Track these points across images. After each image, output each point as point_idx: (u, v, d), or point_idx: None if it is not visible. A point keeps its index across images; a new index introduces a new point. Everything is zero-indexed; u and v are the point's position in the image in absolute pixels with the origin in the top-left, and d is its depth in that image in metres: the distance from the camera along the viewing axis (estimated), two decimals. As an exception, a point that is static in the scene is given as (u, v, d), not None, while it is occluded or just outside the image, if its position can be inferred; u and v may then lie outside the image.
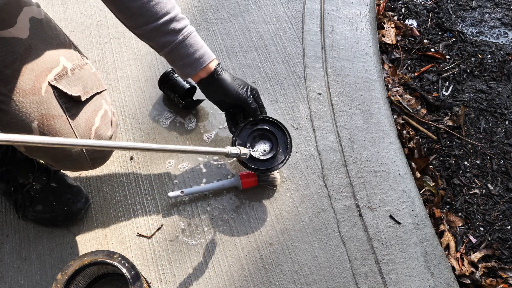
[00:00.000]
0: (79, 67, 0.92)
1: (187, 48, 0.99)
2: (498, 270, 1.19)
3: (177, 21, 0.97)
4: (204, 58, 1.02)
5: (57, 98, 0.87)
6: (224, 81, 1.05)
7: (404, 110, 1.47)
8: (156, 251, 1.10)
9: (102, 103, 0.96)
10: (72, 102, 0.89)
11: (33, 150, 0.91)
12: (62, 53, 0.90)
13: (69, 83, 0.89)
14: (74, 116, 0.89)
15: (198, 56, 1.01)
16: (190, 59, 1.00)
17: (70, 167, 0.95)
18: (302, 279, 1.07)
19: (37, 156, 0.94)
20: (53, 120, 0.86)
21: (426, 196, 1.29)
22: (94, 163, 0.95)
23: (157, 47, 1.00)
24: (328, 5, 1.61)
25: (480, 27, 1.75)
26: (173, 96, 1.28)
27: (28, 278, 1.06)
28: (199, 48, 1.01)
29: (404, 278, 1.08)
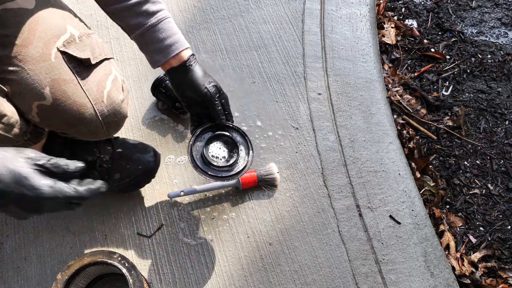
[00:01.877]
0: (86, 35, 0.92)
1: (159, 32, 0.94)
2: (498, 270, 1.19)
3: (152, 3, 0.93)
4: (176, 45, 0.96)
5: (67, 63, 0.87)
6: (194, 73, 0.98)
7: (404, 110, 1.47)
8: (156, 251, 1.10)
9: (112, 68, 0.96)
10: (82, 66, 0.89)
11: (47, 118, 0.90)
12: (69, 22, 0.90)
13: (78, 49, 0.89)
14: (85, 80, 0.89)
15: (171, 42, 0.95)
16: (161, 44, 0.95)
17: (86, 133, 0.94)
18: (302, 279, 1.07)
19: (52, 125, 0.93)
20: (65, 85, 0.86)
21: (426, 196, 1.29)
22: (108, 128, 0.95)
23: (128, 29, 0.96)
24: (328, 5, 1.61)
25: (480, 27, 1.75)
26: (166, 103, 1.28)
27: (28, 278, 1.06)
28: (173, 34, 0.96)
29: (404, 278, 1.08)
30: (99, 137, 0.97)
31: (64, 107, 0.87)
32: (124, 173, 1.10)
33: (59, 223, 1.13)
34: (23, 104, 0.86)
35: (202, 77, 0.98)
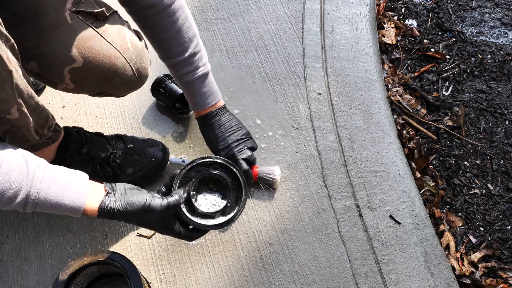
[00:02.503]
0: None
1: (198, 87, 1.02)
2: (498, 270, 1.19)
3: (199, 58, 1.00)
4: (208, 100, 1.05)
5: (83, 21, 0.88)
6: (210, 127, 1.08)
7: (404, 110, 1.47)
8: (156, 251, 1.10)
9: (121, 18, 0.98)
10: (98, 21, 0.91)
11: (82, 81, 0.92)
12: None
13: (87, 5, 0.90)
14: (107, 32, 0.91)
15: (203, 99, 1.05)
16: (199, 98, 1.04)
17: (121, 84, 0.96)
18: (302, 279, 1.07)
19: (87, 86, 0.95)
20: (90, 41, 0.88)
21: (426, 196, 1.29)
22: (139, 75, 0.98)
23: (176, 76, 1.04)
24: (328, 5, 1.61)
25: (480, 27, 1.75)
26: (166, 103, 1.28)
27: (28, 278, 1.06)
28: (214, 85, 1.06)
29: (404, 278, 1.08)
30: (133, 87, 1.00)
31: (96, 63, 0.89)
32: (137, 166, 1.13)
33: (59, 223, 1.13)
34: (54, 75, 0.89)
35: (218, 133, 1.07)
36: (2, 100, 0.73)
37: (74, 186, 0.77)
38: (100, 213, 0.78)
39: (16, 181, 0.70)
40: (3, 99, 0.74)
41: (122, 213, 0.78)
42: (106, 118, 1.30)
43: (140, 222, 0.83)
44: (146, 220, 0.82)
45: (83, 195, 0.77)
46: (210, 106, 1.06)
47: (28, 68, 0.88)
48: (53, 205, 0.75)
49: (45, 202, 0.74)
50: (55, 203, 0.74)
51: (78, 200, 0.76)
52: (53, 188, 0.74)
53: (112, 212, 0.78)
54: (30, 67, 0.87)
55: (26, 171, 0.71)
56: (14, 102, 0.76)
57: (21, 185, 0.70)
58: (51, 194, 0.74)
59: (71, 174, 0.78)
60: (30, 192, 0.72)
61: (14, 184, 0.70)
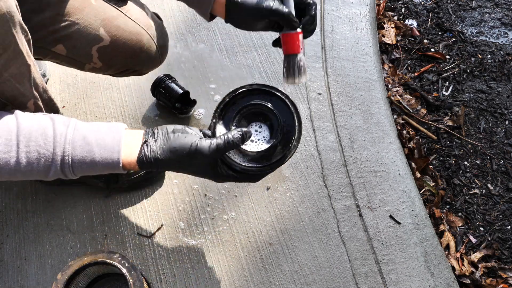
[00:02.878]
0: None
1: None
2: (498, 270, 1.19)
3: None
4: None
5: (106, 1, 0.93)
6: None
7: (404, 110, 1.47)
8: (156, 251, 1.10)
9: (139, 0, 1.01)
10: (120, 2, 0.95)
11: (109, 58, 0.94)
12: None
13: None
14: (130, 11, 0.95)
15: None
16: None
17: (146, 60, 0.99)
18: (302, 279, 1.07)
19: (114, 63, 0.97)
20: (115, 20, 0.92)
21: (426, 196, 1.29)
22: (161, 52, 1.02)
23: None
24: (328, 5, 1.61)
25: (480, 27, 1.75)
26: (166, 103, 1.28)
27: (28, 278, 1.05)
28: None
29: (404, 278, 1.08)
30: (156, 64, 1.03)
31: (123, 41, 0.93)
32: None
33: (59, 223, 1.13)
34: (82, 55, 0.92)
35: None
36: (21, 94, 0.75)
37: (106, 141, 0.71)
38: (140, 165, 0.72)
39: (45, 148, 0.67)
40: (22, 93, 0.75)
41: (164, 162, 0.71)
42: (106, 118, 1.30)
43: (187, 170, 0.74)
44: (194, 167, 0.73)
45: (116, 148, 0.71)
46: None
47: (55, 51, 0.90)
48: (89, 165, 0.70)
49: (80, 163, 0.70)
50: (89, 162, 0.70)
51: (112, 154, 0.70)
52: (83, 147, 0.69)
53: (153, 162, 0.71)
54: (57, 50, 0.90)
55: (53, 136, 0.68)
56: (31, 96, 0.77)
57: (50, 151, 0.68)
58: (83, 154, 0.69)
59: (103, 128, 0.72)
60: (61, 157, 0.68)
61: (43, 151, 0.67)
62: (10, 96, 0.73)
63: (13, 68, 0.70)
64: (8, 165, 0.66)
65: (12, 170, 0.67)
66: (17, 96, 0.74)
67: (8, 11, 0.64)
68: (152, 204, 1.16)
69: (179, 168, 0.74)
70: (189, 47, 1.47)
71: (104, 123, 0.74)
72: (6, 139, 0.66)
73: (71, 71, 1.39)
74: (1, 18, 0.63)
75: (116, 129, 0.73)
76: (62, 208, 1.14)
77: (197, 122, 1.30)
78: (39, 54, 0.93)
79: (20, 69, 0.71)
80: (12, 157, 0.66)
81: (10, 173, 0.68)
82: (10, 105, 0.75)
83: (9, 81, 0.71)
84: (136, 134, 0.74)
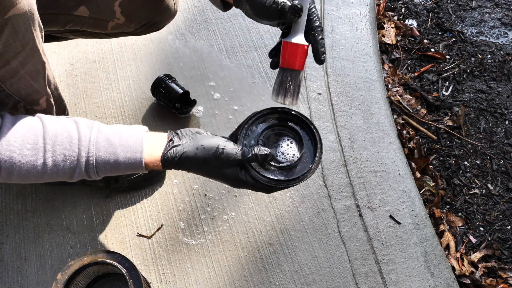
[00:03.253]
0: None
1: None
2: (498, 270, 1.19)
3: None
4: None
5: None
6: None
7: (404, 110, 1.47)
8: (156, 251, 1.10)
9: None
10: None
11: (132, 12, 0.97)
12: None
13: None
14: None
15: None
16: None
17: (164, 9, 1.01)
18: (302, 279, 1.07)
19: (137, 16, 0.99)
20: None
21: (426, 196, 1.29)
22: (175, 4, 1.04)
23: None
24: (328, 5, 1.61)
25: (480, 27, 1.75)
26: (166, 103, 1.28)
27: (28, 278, 1.05)
28: None
29: (404, 278, 1.08)
30: (171, 16, 1.05)
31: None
32: None
33: (59, 223, 1.13)
34: (105, 12, 0.94)
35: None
36: (35, 91, 0.75)
37: (129, 141, 0.72)
38: (164, 162, 0.71)
39: (70, 150, 0.69)
40: (36, 90, 0.76)
41: (191, 160, 0.70)
42: (106, 118, 1.30)
43: (211, 172, 0.73)
44: (218, 169, 0.72)
45: (139, 147, 0.72)
46: None
47: (78, 14, 0.92)
48: (113, 166, 0.72)
49: (104, 164, 0.71)
50: (113, 162, 0.71)
51: (134, 154, 0.71)
52: (107, 148, 0.71)
53: (179, 160, 0.71)
54: (79, 12, 0.92)
55: (78, 138, 0.70)
56: (44, 93, 0.78)
57: (75, 153, 0.69)
58: (107, 154, 0.71)
59: (125, 130, 0.74)
60: (86, 158, 0.70)
61: (68, 153, 0.69)
62: (24, 93, 0.74)
63: (30, 65, 0.71)
64: (35, 168, 0.68)
65: (39, 172, 0.69)
66: (31, 93, 0.75)
67: (29, 9, 0.65)
68: (152, 204, 1.16)
69: (203, 168, 0.72)
70: (189, 47, 1.47)
71: (124, 126, 0.75)
72: (33, 142, 0.67)
73: (71, 71, 1.39)
74: (22, 16, 0.64)
75: (138, 130, 0.74)
76: (62, 208, 1.14)
77: (197, 121, 1.30)
78: (61, 23, 0.93)
79: (36, 67, 0.72)
80: (39, 160, 0.68)
81: (37, 175, 0.69)
82: (23, 102, 0.75)
83: (24, 78, 0.72)
84: (160, 135, 0.75)
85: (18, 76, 0.70)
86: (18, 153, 0.66)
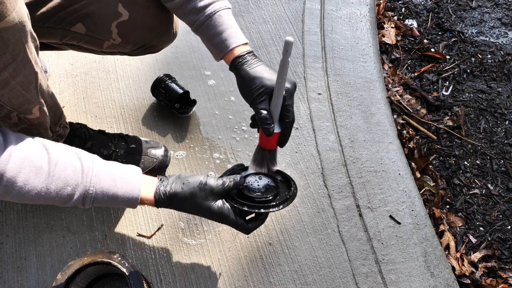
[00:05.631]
0: None
1: (208, 30, 0.89)
2: (498, 270, 1.19)
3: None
4: (225, 43, 0.87)
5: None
6: (240, 78, 0.87)
7: (404, 110, 1.47)
8: (156, 251, 1.10)
9: None
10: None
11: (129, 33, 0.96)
12: None
13: None
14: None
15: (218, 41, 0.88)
16: (212, 42, 0.89)
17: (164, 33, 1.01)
18: (302, 279, 1.07)
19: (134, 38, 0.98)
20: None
21: (426, 196, 1.29)
22: (175, 26, 1.04)
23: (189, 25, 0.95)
24: (328, 5, 1.61)
25: (480, 27, 1.75)
26: (166, 103, 1.28)
27: (28, 278, 1.05)
28: (221, 31, 0.88)
29: (404, 278, 1.08)
30: (171, 38, 1.04)
31: (141, 15, 0.94)
32: (139, 167, 1.13)
33: (59, 223, 1.13)
34: (102, 32, 0.93)
35: (248, 82, 0.85)
36: (26, 101, 0.77)
37: (129, 178, 0.79)
38: (157, 199, 0.80)
39: (73, 178, 0.73)
40: (27, 99, 0.77)
41: (179, 193, 0.80)
42: (106, 118, 1.30)
43: (197, 207, 0.81)
44: (204, 201, 0.81)
45: (138, 185, 0.79)
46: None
47: (74, 30, 0.92)
48: (110, 198, 0.77)
49: (102, 195, 0.76)
50: (111, 195, 0.77)
51: (133, 190, 0.78)
52: (108, 181, 0.77)
53: (169, 196, 0.79)
54: (76, 29, 0.91)
55: (81, 168, 0.75)
56: (36, 102, 0.80)
57: (77, 182, 0.74)
58: (107, 187, 0.76)
59: (123, 168, 0.81)
60: (86, 188, 0.75)
61: (71, 181, 0.73)
62: (17, 103, 0.76)
63: (21, 76, 0.72)
64: (36, 189, 0.72)
65: (38, 194, 0.72)
66: (23, 102, 0.76)
67: (20, 21, 0.65)
68: (152, 204, 1.16)
69: (191, 202, 0.81)
70: (189, 47, 1.47)
71: (122, 165, 0.82)
72: (38, 166, 0.71)
73: (71, 71, 1.39)
74: (13, 28, 0.64)
75: (136, 169, 0.82)
76: (62, 208, 1.14)
77: (197, 121, 1.30)
78: (58, 36, 0.94)
79: (27, 77, 0.74)
80: (42, 184, 0.72)
81: (34, 198, 0.73)
82: (16, 111, 0.76)
83: (16, 88, 0.73)
84: (151, 178, 0.83)
85: (9, 86, 0.71)
86: (23, 173, 0.70)
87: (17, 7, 0.63)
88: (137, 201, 0.79)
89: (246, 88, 0.85)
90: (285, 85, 0.82)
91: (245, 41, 0.89)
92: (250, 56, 0.87)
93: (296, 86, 0.88)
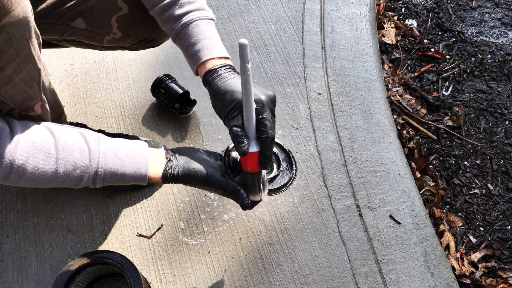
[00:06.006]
0: None
1: (184, 39, 0.85)
2: (498, 270, 1.19)
3: (178, 7, 0.85)
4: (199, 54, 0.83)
5: None
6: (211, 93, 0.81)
7: (404, 110, 1.47)
8: (156, 251, 1.10)
9: None
10: None
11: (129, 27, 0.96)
12: None
13: None
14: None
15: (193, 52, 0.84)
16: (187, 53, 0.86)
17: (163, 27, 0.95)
18: (302, 279, 1.07)
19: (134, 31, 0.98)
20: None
21: (426, 196, 1.29)
22: None
23: None
24: (328, 5, 1.61)
25: (480, 27, 1.75)
26: (166, 103, 1.28)
27: (28, 278, 1.06)
28: (196, 41, 0.84)
29: (404, 278, 1.08)
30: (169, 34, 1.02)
31: (141, 8, 0.93)
32: None
33: (59, 223, 1.13)
34: (102, 26, 0.93)
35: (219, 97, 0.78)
36: (29, 98, 0.77)
37: (135, 156, 0.80)
38: (164, 180, 0.81)
39: (81, 160, 0.75)
40: (30, 96, 0.77)
41: (183, 179, 0.81)
42: (106, 118, 1.30)
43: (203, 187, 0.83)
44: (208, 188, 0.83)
45: (145, 164, 0.80)
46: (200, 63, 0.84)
47: (74, 26, 0.92)
48: (119, 177, 0.79)
49: (111, 175, 0.78)
50: (120, 174, 0.78)
51: (141, 169, 0.80)
52: (115, 161, 0.78)
53: (175, 178, 0.81)
54: (76, 24, 0.92)
55: (88, 150, 0.76)
56: (39, 99, 0.80)
57: (86, 164, 0.75)
58: (115, 167, 0.78)
59: (130, 145, 0.81)
60: (95, 169, 0.76)
61: (79, 164, 0.75)
62: (19, 100, 0.75)
63: (24, 72, 0.72)
64: (46, 175, 0.73)
65: (49, 179, 0.74)
66: (25, 99, 0.76)
67: (24, 17, 0.65)
68: (152, 204, 1.16)
69: (196, 184, 0.81)
70: (189, 47, 1.46)
71: (128, 141, 0.83)
72: (46, 151, 0.72)
73: (71, 71, 1.39)
74: (17, 23, 0.64)
75: (143, 146, 0.82)
76: (62, 208, 1.14)
77: (197, 121, 1.30)
78: (58, 32, 0.94)
79: (30, 73, 0.74)
80: (51, 168, 0.73)
81: (46, 181, 0.74)
82: (18, 108, 0.76)
83: (19, 84, 0.73)
84: (158, 153, 0.83)
85: (12, 83, 0.71)
86: (31, 160, 0.71)
87: (22, 2, 0.63)
88: (146, 179, 0.80)
89: (217, 104, 0.77)
90: (259, 95, 0.74)
91: (223, 54, 0.83)
92: (224, 70, 0.80)
93: (275, 96, 0.78)
